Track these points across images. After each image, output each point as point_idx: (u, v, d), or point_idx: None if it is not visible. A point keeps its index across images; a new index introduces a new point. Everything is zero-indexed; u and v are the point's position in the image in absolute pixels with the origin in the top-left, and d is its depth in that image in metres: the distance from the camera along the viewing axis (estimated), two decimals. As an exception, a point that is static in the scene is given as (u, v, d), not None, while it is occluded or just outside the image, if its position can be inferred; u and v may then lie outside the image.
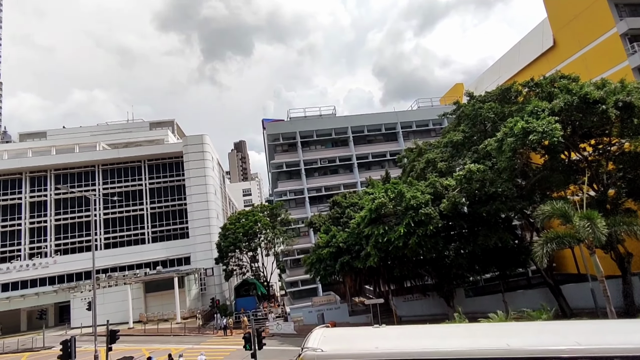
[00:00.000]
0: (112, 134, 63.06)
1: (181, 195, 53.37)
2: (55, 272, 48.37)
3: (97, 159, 53.18)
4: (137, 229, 52.40)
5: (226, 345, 29.96)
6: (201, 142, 53.65)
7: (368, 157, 55.52)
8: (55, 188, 52.22)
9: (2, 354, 35.26)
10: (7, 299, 46.75)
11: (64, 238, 51.23)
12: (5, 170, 51.67)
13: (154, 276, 45.13)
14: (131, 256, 49.88)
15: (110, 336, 21.23)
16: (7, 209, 51.33)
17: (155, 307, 45.55)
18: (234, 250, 44.15)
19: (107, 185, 53.24)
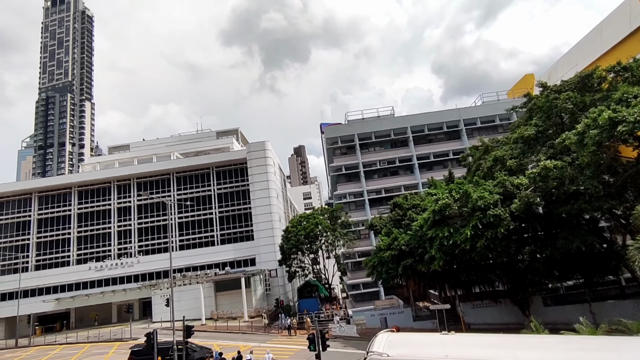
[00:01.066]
0: (184, 144, 68.44)
1: (246, 200, 56.02)
2: (139, 270, 53.55)
3: (172, 168, 57.97)
4: (207, 231, 56.06)
5: (291, 345, 30.71)
6: (263, 149, 55.93)
7: (429, 157, 53.60)
8: (138, 195, 57.92)
9: (98, 342, 39.86)
10: (101, 293, 52.80)
11: (145, 240, 56.56)
12: (98, 180, 58.63)
13: (223, 276, 47.84)
14: (203, 257, 53.48)
15: (186, 331, 22.92)
16: (100, 214, 58.12)
17: (225, 305, 48.22)
18: (296, 253, 45.22)
19: (180, 191, 57.76)
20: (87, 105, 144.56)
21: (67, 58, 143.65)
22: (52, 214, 58.53)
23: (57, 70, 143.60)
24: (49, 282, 54.17)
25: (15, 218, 58.68)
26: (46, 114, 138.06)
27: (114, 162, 63.50)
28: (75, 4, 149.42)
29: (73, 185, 59.17)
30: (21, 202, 59.47)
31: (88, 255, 56.39)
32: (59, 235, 57.73)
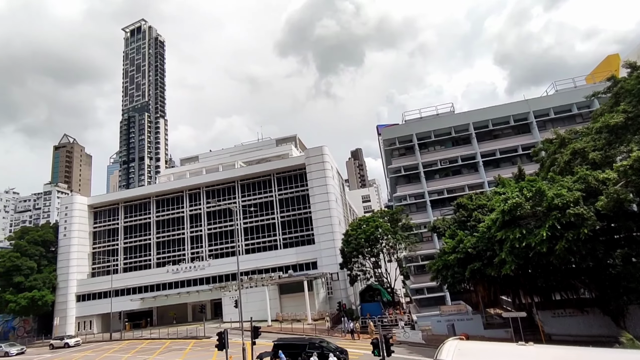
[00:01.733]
0: (246, 153, 71.98)
1: (306, 204, 57.14)
2: (210, 273, 57.15)
3: (236, 176, 61.22)
4: (270, 236, 58.14)
5: (354, 348, 30.49)
6: (321, 153, 56.70)
7: (495, 154, 50.22)
8: (207, 202, 62.03)
9: (177, 339, 43.17)
10: (178, 294, 57.23)
11: (215, 244, 60.28)
12: (172, 190, 63.95)
13: (286, 279, 49.18)
14: (267, 260, 55.51)
15: (253, 332, 23.89)
16: (174, 221, 63.27)
17: (289, 307, 49.46)
18: (356, 256, 44.97)
19: (244, 197, 60.71)
20: (161, 122, 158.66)
21: (144, 81, 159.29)
22: (135, 221, 65.04)
23: (136, 92, 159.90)
24: (135, 283, 60.07)
25: (107, 225, 66.23)
26: (128, 132, 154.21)
27: (185, 172, 68.79)
28: (149, 33, 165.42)
29: (151, 195, 65.23)
30: (111, 212, 67.00)
31: (166, 259, 61.61)
32: (141, 241, 63.92)
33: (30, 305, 56.30)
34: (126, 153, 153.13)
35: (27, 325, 64.62)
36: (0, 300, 57.26)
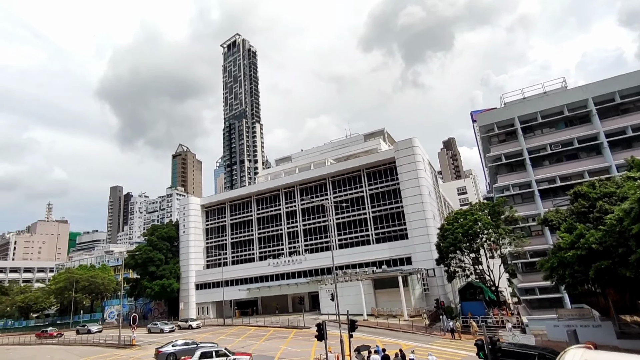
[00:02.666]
0: (336, 150, 73.40)
1: (397, 199, 55.97)
2: (306, 267, 59.92)
3: (327, 173, 62.94)
4: (362, 231, 58.44)
5: (455, 349, 28.95)
6: (411, 146, 54.88)
7: (625, 132, 42.34)
8: (301, 199, 65.11)
9: (280, 327, 46.36)
10: (279, 286, 61.32)
11: (310, 239, 62.96)
12: (270, 189, 68.70)
13: (380, 274, 48.92)
14: (360, 255, 55.95)
15: (350, 325, 24.37)
16: (272, 218, 67.90)
17: (384, 303, 49.14)
18: (454, 252, 42.47)
19: (336, 194, 62.08)
20: (257, 126, 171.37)
21: (241, 90, 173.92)
22: (239, 219, 71.63)
23: (234, 101, 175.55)
24: (241, 275, 66.22)
25: (217, 223, 74.28)
26: (230, 138, 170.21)
27: (280, 172, 73.21)
28: (243, 45, 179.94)
29: (252, 194, 71.02)
30: (219, 210, 74.93)
31: (267, 253, 66.53)
32: (245, 237, 70.13)
33: (162, 291, 66.33)
34: (229, 157, 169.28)
35: (160, 308, 76.27)
36: (140, 286, 68.79)
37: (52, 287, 79.74)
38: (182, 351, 29.75)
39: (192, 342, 32.11)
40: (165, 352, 29.80)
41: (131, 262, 70.54)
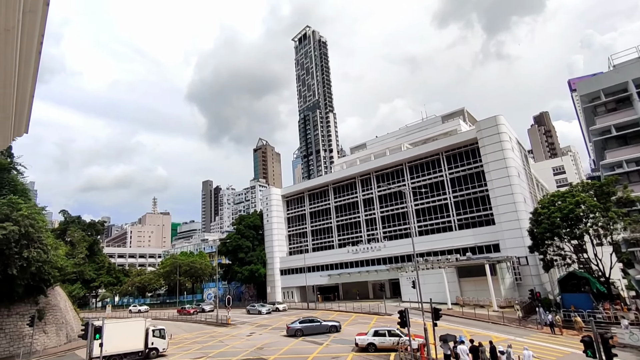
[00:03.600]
0: (412, 134, 70.89)
1: (481, 182, 52.25)
2: (385, 254, 59.47)
3: (403, 158, 61.21)
4: (443, 217, 55.90)
5: (555, 344, 26.36)
6: (495, 124, 50.52)
7: None
8: (377, 186, 64.51)
9: (361, 313, 46.98)
10: (359, 273, 61.99)
11: (388, 226, 62.22)
12: (346, 177, 69.27)
13: (464, 262, 46.45)
14: (442, 242, 53.70)
15: (434, 313, 23.70)
16: (349, 206, 68.52)
17: (470, 292, 46.64)
18: (550, 238, 38.31)
19: (413, 179, 60.16)
20: (331, 116, 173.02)
21: (313, 81, 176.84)
22: (318, 207, 73.71)
23: (307, 93, 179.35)
24: (322, 261, 68.35)
25: (297, 212, 77.48)
26: (305, 130, 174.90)
27: (355, 160, 73.24)
28: (313, 36, 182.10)
29: (328, 183, 72.38)
30: (298, 200, 77.98)
31: (345, 240, 67.54)
32: (324, 225, 72.02)
33: (250, 275, 71.77)
34: (305, 148, 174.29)
35: (250, 291, 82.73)
36: (232, 271, 75.28)
37: (160, 271, 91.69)
38: (307, 327, 32.32)
39: (316, 319, 34.77)
40: (293, 327, 32.99)
41: (223, 249, 77.55)
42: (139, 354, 28.40)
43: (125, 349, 27.85)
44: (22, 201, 32.88)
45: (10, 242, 29.22)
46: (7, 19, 3.45)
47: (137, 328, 29.10)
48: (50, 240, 35.33)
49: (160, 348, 29.37)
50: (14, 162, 39.95)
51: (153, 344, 29.00)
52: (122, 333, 28.00)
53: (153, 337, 29.14)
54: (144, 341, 28.66)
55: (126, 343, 27.94)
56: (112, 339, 26.07)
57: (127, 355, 27.98)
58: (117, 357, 27.37)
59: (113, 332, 26.68)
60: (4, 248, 28.86)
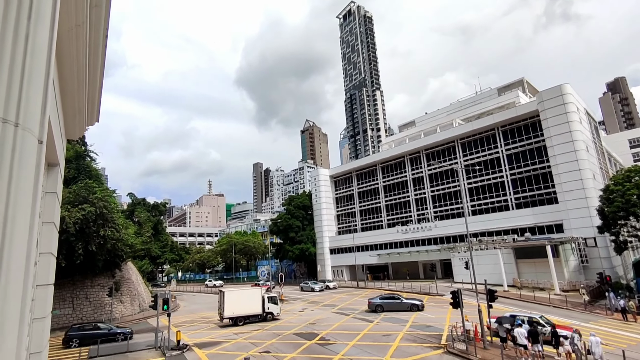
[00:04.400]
0: (464, 109, 67.22)
1: (542, 158, 48.56)
2: (436, 234, 58.05)
3: (455, 135, 58.42)
4: (499, 195, 53.04)
5: (627, 332, 24.41)
6: (560, 94, 46.19)
7: None
8: (427, 165, 62.51)
9: (412, 292, 46.71)
10: (409, 252, 61.33)
11: (439, 206, 60.43)
12: (394, 156, 67.84)
13: (522, 243, 44.02)
14: (497, 222, 51.18)
15: (489, 295, 22.92)
16: (398, 185, 67.31)
17: (528, 274, 44.31)
18: (625, 217, 34.91)
19: (466, 157, 57.41)
20: (378, 94, 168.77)
21: (359, 59, 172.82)
22: (366, 187, 73.33)
23: (353, 71, 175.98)
24: (371, 241, 68.43)
25: (345, 192, 77.76)
26: (352, 109, 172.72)
27: (404, 138, 71.30)
28: (358, 12, 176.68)
29: (376, 163, 71.43)
30: (346, 180, 78.05)
31: (395, 220, 66.81)
32: (372, 204, 71.66)
33: (301, 254, 73.94)
34: (352, 128, 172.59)
35: (300, 269, 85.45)
36: (284, 249, 78.01)
37: (218, 249, 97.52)
38: (387, 304, 33.51)
39: (396, 296, 35.59)
40: (374, 302, 34.33)
41: (274, 229, 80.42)
42: (258, 317, 32.79)
43: (247, 312, 32.46)
44: (96, 185, 36.37)
45: (89, 221, 32.63)
46: (77, 15, 3.75)
47: (255, 295, 33.47)
48: (121, 221, 38.95)
49: (274, 312, 33.51)
50: (88, 150, 44.04)
51: (269, 308, 33.25)
52: (243, 299, 32.64)
53: (268, 303, 33.32)
54: (261, 306, 32.94)
55: (247, 307, 32.54)
56: (236, 303, 31.88)
57: (249, 317, 32.51)
58: (241, 318, 32.11)
59: (236, 298, 32.21)
60: (84, 227, 32.32)
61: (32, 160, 2.14)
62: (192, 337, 27.11)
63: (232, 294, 32.64)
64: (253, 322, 32.37)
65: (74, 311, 35.70)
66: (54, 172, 5.41)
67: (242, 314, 32.16)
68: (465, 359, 19.15)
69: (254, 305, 32.82)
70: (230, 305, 31.61)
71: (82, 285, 37.13)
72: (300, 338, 24.87)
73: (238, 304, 32.05)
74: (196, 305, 47.88)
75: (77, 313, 35.83)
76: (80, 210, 32.19)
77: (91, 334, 26.57)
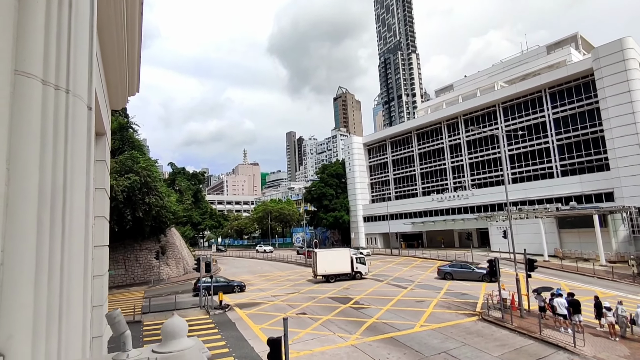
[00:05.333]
0: (508, 70, 62.86)
1: (594, 122, 45.05)
2: (473, 202, 56.53)
3: (496, 99, 55.20)
4: (542, 162, 50.31)
5: (680, 305, 23.08)
6: (620, 49, 41.84)
7: None
8: (466, 131, 59.95)
9: (446, 261, 46.45)
10: (444, 221, 60.47)
11: (477, 174, 58.42)
12: (430, 122, 65.56)
13: (567, 212, 41.98)
14: (539, 190, 48.90)
15: (528, 264, 22.32)
16: (434, 152, 65.44)
17: (571, 244, 42.50)
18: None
19: (508, 122, 54.40)
20: (413, 57, 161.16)
21: (394, 20, 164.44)
22: (400, 155, 71.97)
23: (387, 34, 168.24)
24: (405, 209, 67.95)
25: (379, 160, 76.86)
26: (386, 74, 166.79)
27: (441, 103, 68.36)
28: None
29: (412, 130, 69.45)
30: (380, 148, 76.86)
31: (430, 188, 65.62)
32: (407, 172, 70.52)
33: (334, 222, 75.06)
34: (386, 94, 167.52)
35: (334, 236, 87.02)
36: (318, 217, 79.46)
37: (254, 216, 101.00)
38: (456, 271, 34.16)
39: (467, 265, 35.73)
40: (443, 270, 35.09)
41: (308, 197, 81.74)
42: (348, 275, 35.13)
43: (337, 270, 34.90)
44: (139, 155, 38.24)
45: (135, 190, 34.66)
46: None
47: (344, 256, 35.78)
48: (163, 189, 41.05)
49: (362, 272, 35.56)
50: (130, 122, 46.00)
51: (357, 268, 35.44)
52: (333, 259, 35.18)
53: (357, 264, 35.46)
54: (350, 266, 35.14)
55: (338, 266, 34.97)
56: (328, 262, 34.65)
57: (339, 276, 34.96)
58: (333, 276, 34.74)
59: (327, 258, 34.99)
60: (130, 195, 34.43)
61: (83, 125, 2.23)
62: (233, 298, 28.81)
63: (324, 254, 35.54)
64: (343, 279, 34.81)
65: (126, 272, 38.90)
66: (101, 141, 5.69)
67: (333, 272, 34.65)
68: (501, 326, 19.05)
69: (344, 265, 35.02)
70: (322, 264, 34.45)
71: (132, 249, 40.14)
72: (334, 302, 25.73)
73: (329, 263, 34.61)
74: (235, 269, 50.46)
75: (129, 273, 39.02)
76: (127, 180, 34.17)
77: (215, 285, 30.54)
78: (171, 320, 1.99)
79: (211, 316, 23.63)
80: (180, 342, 1.92)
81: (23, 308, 1.70)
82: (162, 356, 1.83)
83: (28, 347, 1.69)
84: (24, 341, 1.68)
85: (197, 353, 1.92)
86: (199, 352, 1.94)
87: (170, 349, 1.88)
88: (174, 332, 1.94)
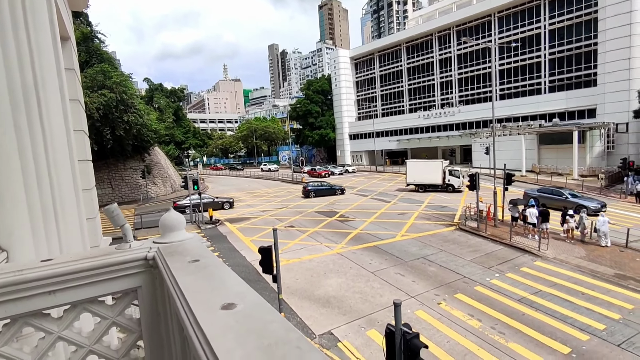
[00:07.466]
0: (508, -26, 57.87)
1: (590, 34, 43.43)
2: (459, 119, 56.69)
3: (492, 7, 51.83)
4: (532, 78, 49.59)
5: (637, 213, 25.20)
6: (628, -50, 38.48)
7: None
8: (457, 44, 57.29)
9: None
10: (429, 138, 61.16)
11: (465, 90, 57.54)
12: (421, 34, 62.09)
13: (548, 128, 42.79)
14: (525, 107, 49.03)
15: (506, 179, 23.34)
16: (423, 67, 63.25)
17: (549, 159, 44.22)
18: (667, 101, 32.61)
19: (502, 34, 52.00)
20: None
21: None
22: (388, 70, 69.41)
23: None
24: (391, 126, 67.91)
25: (366, 75, 74.18)
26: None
27: (434, 12, 64.03)
28: None
29: (401, 42, 65.91)
30: (368, 62, 73.60)
31: (417, 105, 64.91)
32: (394, 89, 68.82)
33: (320, 139, 75.05)
34: (375, 1, 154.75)
35: (320, 154, 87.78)
36: (303, 135, 79.05)
37: (238, 135, 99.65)
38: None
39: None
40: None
41: (293, 115, 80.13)
42: (439, 187, 35.23)
43: (427, 181, 35.32)
44: (111, 70, 35.64)
45: (111, 107, 33.04)
46: None
47: (435, 167, 35.56)
48: (142, 106, 39.26)
49: (455, 185, 35.09)
50: (94, 31, 41.81)
51: (449, 181, 35.09)
52: (424, 169, 35.53)
53: (449, 176, 35.14)
54: (441, 178, 34.97)
55: (427, 177, 35.25)
56: (417, 173, 35.37)
57: (430, 187, 35.40)
58: (422, 186, 35.49)
59: (417, 168, 35.65)
60: (107, 113, 32.92)
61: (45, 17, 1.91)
62: (223, 214, 29.81)
63: (413, 164, 36.27)
64: (434, 190, 35.19)
65: (113, 191, 39.16)
66: (67, 47, 5.13)
67: (422, 183, 35.31)
68: (476, 234, 20.62)
69: (434, 176, 35.01)
70: (411, 174, 35.34)
71: (116, 168, 39.84)
72: (321, 215, 26.99)
73: (418, 173, 35.17)
74: (223, 186, 51.37)
75: (116, 192, 39.35)
76: (101, 96, 32.34)
77: (321, 189, 36.18)
78: (168, 214, 2.01)
79: (202, 230, 24.64)
80: (179, 234, 1.96)
81: (18, 203, 1.66)
82: (163, 246, 1.85)
83: (30, 243, 1.70)
84: (24, 237, 1.69)
85: (197, 242, 1.97)
86: (198, 242, 1.99)
87: (170, 240, 1.91)
88: (172, 225, 1.97)
